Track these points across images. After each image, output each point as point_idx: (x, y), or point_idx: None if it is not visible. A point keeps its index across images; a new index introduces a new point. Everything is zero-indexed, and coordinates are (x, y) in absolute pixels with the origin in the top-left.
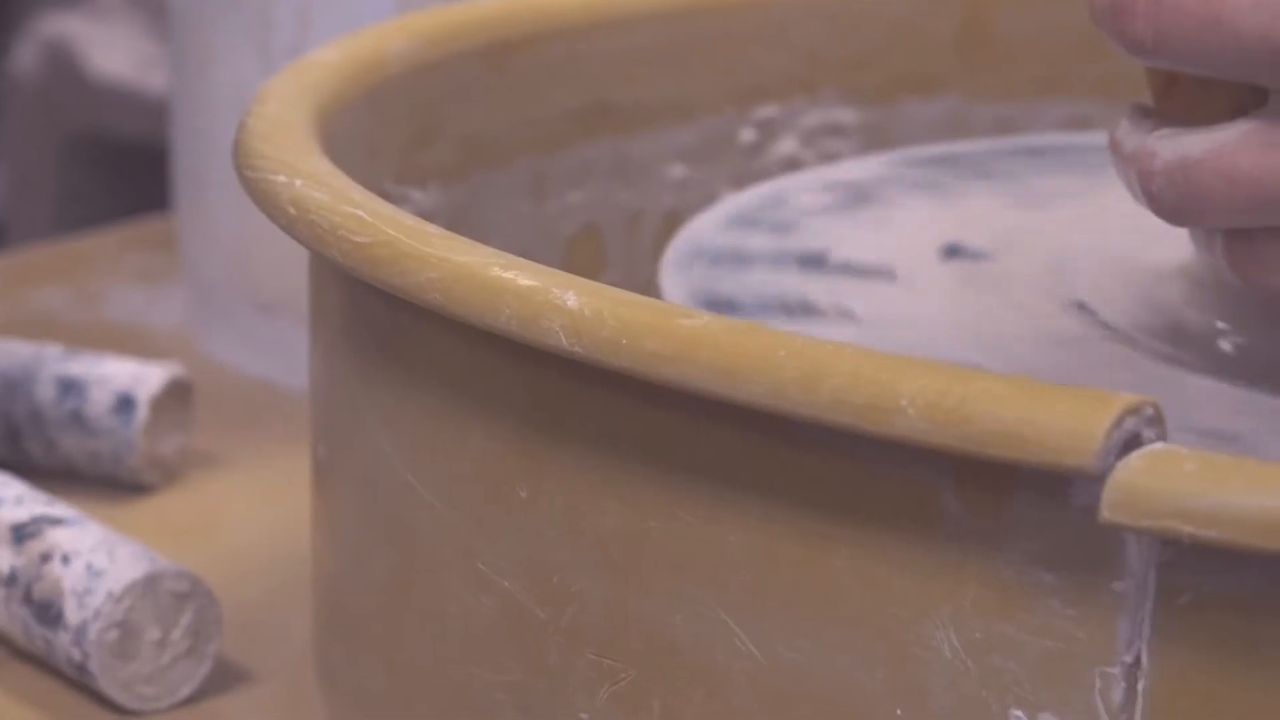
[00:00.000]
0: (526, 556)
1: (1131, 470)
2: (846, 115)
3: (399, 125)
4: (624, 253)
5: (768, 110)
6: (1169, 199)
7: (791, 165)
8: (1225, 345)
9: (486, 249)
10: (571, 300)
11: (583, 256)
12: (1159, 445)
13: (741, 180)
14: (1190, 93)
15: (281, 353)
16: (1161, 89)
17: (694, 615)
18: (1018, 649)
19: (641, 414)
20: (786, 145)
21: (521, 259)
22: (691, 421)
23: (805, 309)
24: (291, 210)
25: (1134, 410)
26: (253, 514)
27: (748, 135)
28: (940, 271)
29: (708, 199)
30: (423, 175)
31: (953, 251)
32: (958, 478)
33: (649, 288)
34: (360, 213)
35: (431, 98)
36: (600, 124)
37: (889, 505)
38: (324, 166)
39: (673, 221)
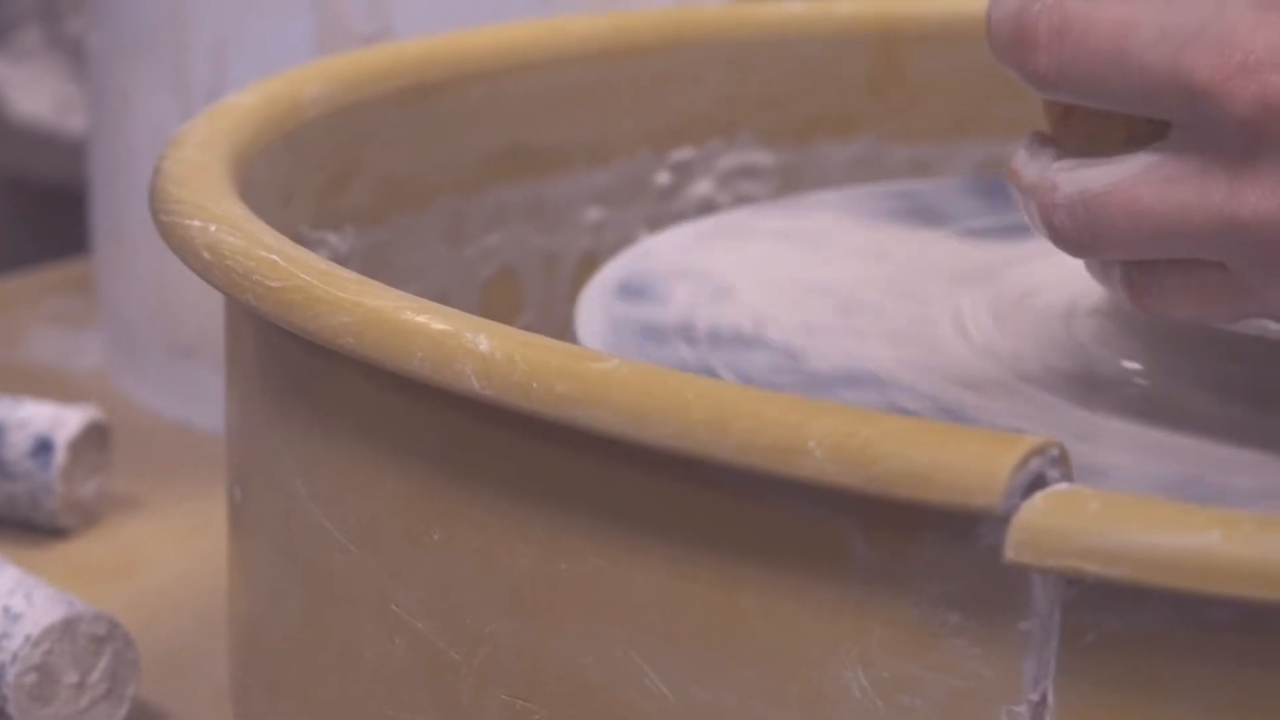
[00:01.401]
0: (439, 598)
1: (1035, 510)
2: (762, 157)
3: (315, 168)
4: (541, 295)
5: (684, 153)
6: (1070, 231)
7: (707, 207)
8: (1136, 385)
9: (399, 293)
10: (483, 344)
11: (500, 299)
12: (1063, 485)
13: (657, 222)
14: (1087, 122)
15: (200, 395)
16: (1058, 118)
17: (605, 656)
18: (925, 688)
19: (553, 456)
20: (702, 187)
21: (434, 303)
22: (603, 464)
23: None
24: (206, 255)
25: (1039, 451)
26: (171, 556)
27: (664, 178)
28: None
29: (624, 241)
30: (339, 218)
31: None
32: (865, 518)
33: (565, 329)
34: (274, 257)
35: (348, 141)
36: (517, 167)
37: (797, 546)
38: (238, 211)
39: (590, 264)
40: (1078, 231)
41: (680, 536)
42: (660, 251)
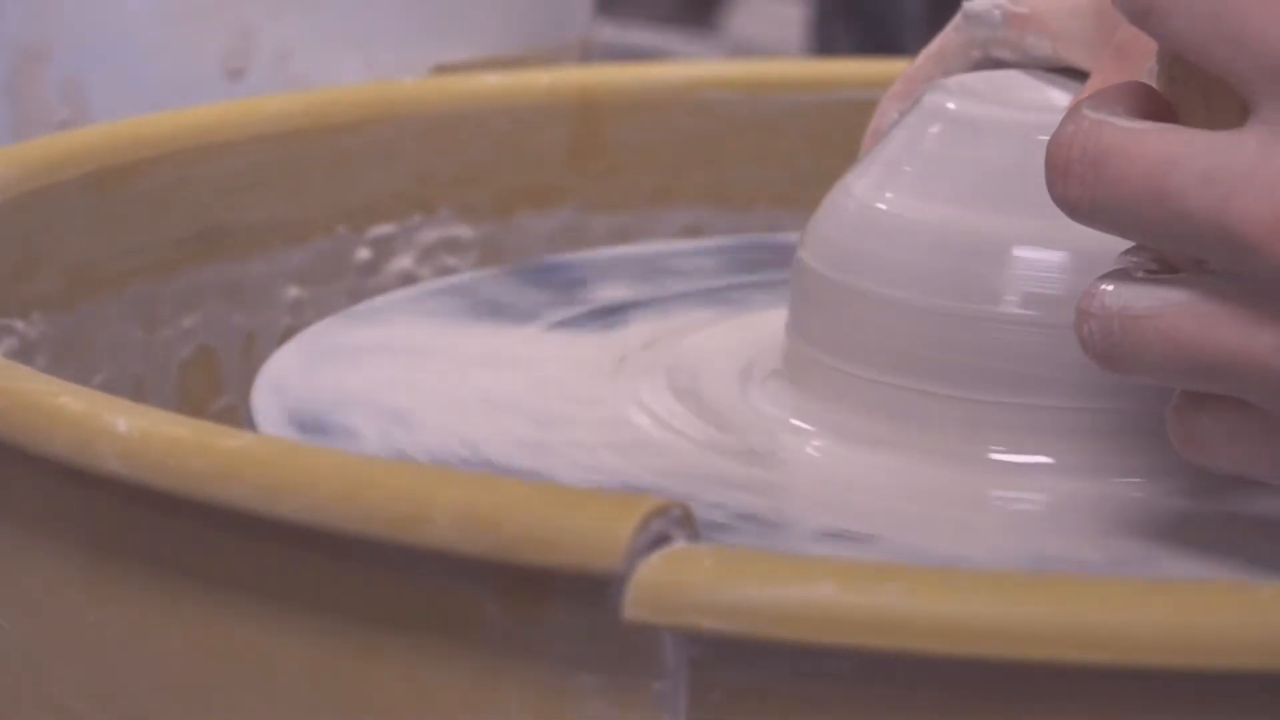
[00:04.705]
0: (96, 679)
1: (651, 569)
2: (463, 231)
3: None
4: (241, 375)
5: (383, 228)
6: (1101, 345)
7: (408, 281)
8: (812, 449)
9: (44, 377)
10: (121, 425)
11: (197, 380)
12: (680, 544)
13: (358, 298)
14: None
15: None
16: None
17: None
18: None
19: (195, 534)
20: (403, 262)
21: (75, 386)
22: (242, 539)
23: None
24: None
25: (661, 512)
26: None
27: (363, 254)
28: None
29: (325, 317)
30: (26, 306)
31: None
32: (496, 585)
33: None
34: None
35: (32, 228)
36: (212, 248)
37: (434, 615)
38: None
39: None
40: (1108, 347)
41: (322, 609)
42: (288, 385)
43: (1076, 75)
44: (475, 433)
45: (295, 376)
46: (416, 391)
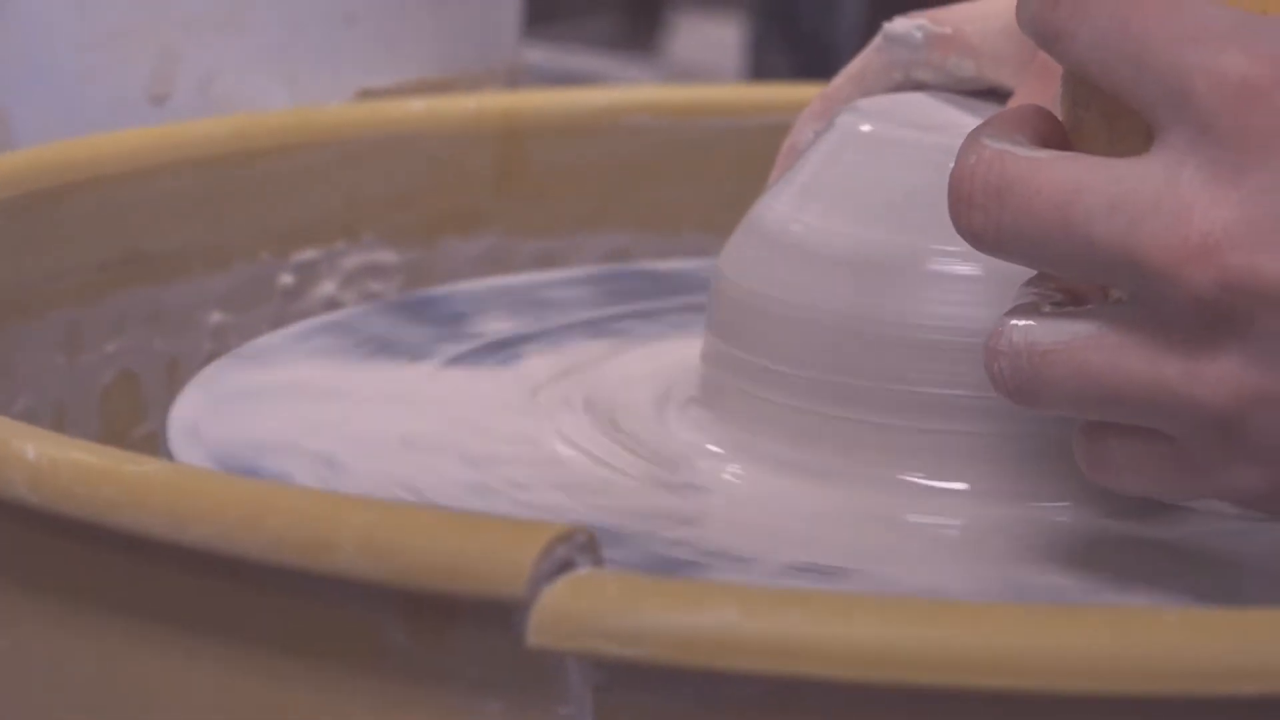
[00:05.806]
0: (12, 706)
1: (556, 595)
2: (388, 256)
3: None
4: (164, 400)
5: (307, 254)
6: (1011, 381)
7: (332, 306)
8: (728, 474)
9: None
10: (30, 451)
11: (120, 405)
12: (585, 570)
13: (282, 323)
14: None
15: None
16: (1069, 121)
17: None
18: None
19: (104, 561)
20: (327, 287)
21: None
22: (151, 566)
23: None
24: None
25: (565, 538)
26: None
27: (287, 279)
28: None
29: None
30: None
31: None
32: (402, 611)
33: None
34: None
35: None
36: (134, 273)
37: (341, 641)
38: None
39: None
40: (1019, 383)
41: (232, 636)
42: (204, 431)
43: (995, 97)
44: (409, 478)
45: (209, 423)
46: (337, 435)
